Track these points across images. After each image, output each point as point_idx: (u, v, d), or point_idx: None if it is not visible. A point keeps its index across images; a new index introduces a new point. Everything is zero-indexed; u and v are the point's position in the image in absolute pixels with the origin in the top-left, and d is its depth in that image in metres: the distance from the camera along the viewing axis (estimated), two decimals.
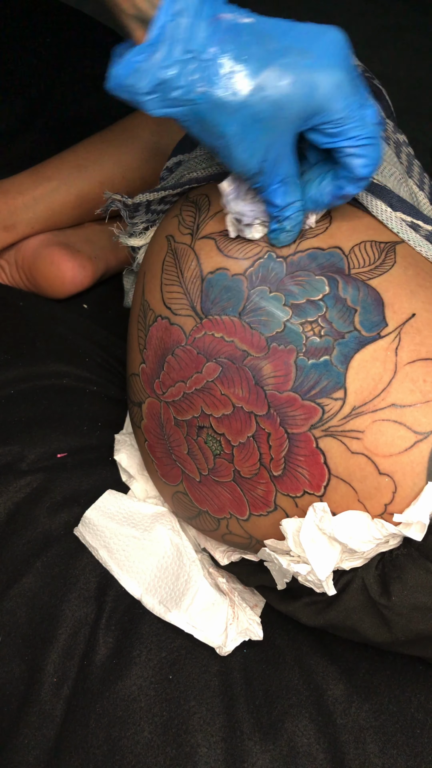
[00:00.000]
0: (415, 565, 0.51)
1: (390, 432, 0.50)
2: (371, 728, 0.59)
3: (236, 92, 0.45)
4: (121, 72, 0.44)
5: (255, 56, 0.45)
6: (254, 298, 0.54)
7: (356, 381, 0.51)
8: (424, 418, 0.50)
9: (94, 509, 0.67)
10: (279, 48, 0.45)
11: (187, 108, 0.46)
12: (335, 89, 0.46)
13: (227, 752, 0.58)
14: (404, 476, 0.50)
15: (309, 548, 0.52)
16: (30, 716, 0.60)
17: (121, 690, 0.60)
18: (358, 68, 0.47)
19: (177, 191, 0.65)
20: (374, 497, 0.51)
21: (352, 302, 0.52)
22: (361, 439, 0.51)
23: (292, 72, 0.45)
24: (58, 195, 0.85)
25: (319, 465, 0.52)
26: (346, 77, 0.46)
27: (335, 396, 0.51)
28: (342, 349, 0.52)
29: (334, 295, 0.53)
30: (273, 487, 0.54)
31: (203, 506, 0.60)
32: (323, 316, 0.52)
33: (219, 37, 0.44)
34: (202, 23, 0.44)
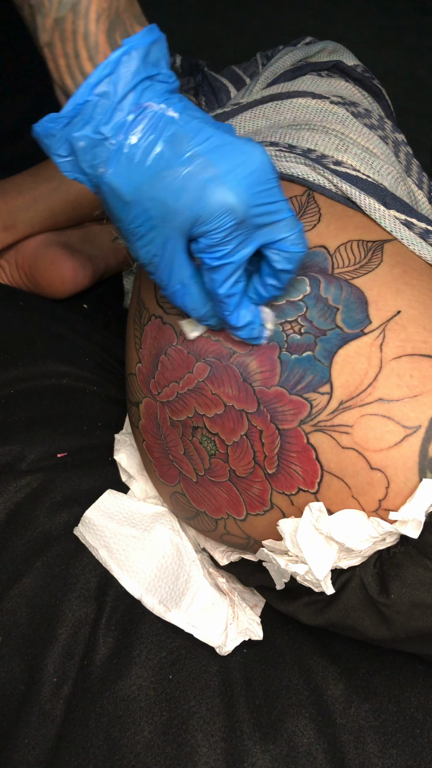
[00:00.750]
0: (413, 562, 0.51)
1: (379, 426, 0.51)
2: (371, 728, 0.59)
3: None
4: (39, 130, 0.45)
5: (160, 154, 0.43)
6: None
7: (342, 376, 0.52)
8: (412, 412, 0.50)
9: (94, 509, 0.67)
10: (187, 151, 0.43)
11: (92, 183, 0.46)
12: (221, 211, 0.44)
13: (227, 752, 0.58)
14: (396, 471, 0.50)
15: (306, 548, 0.52)
16: (30, 716, 0.60)
17: (121, 690, 0.60)
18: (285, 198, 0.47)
19: None
20: (368, 493, 0.51)
21: (333, 301, 0.53)
22: (350, 433, 0.51)
23: (185, 179, 0.43)
24: (58, 195, 0.85)
25: (311, 461, 0.52)
26: (240, 204, 0.44)
27: (322, 390, 0.52)
28: (324, 345, 0.52)
29: (315, 295, 0.53)
30: (268, 485, 0.55)
31: (201, 507, 0.60)
32: (303, 315, 0.53)
33: (135, 126, 0.43)
34: (124, 109, 0.43)
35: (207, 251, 0.46)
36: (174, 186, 0.43)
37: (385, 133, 0.68)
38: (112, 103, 0.43)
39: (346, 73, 0.74)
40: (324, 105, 0.67)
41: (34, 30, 0.44)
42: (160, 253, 0.47)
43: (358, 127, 0.66)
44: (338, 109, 0.67)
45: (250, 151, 0.45)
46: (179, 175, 0.43)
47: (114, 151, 0.43)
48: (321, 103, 0.67)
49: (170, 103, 0.44)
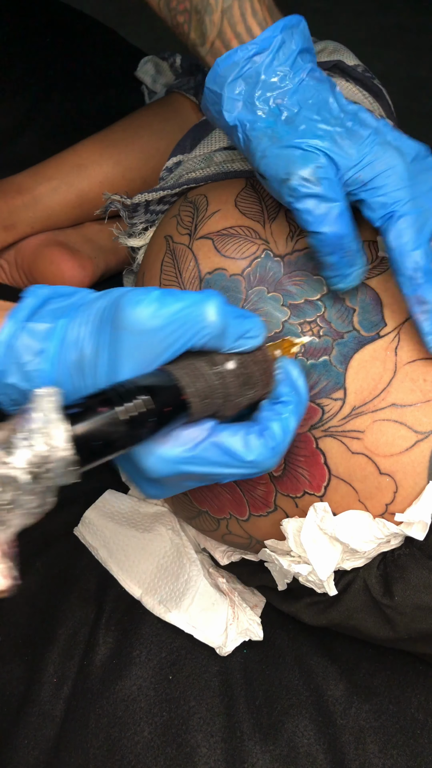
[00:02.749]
0: (418, 564, 0.51)
1: (390, 432, 0.50)
2: (371, 729, 0.59)
3: None
4: (220, 61, 0.49)
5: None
6: (253, 299, 0.54)
7: (356, 381, 0.51)
8: (424, 417, 0.50)
9: (94, 509, 0.67)
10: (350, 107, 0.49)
11: (252, 122, 0.48)
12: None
13: (227, 752, 0.58)
14: (405, 476, 0.50)
15: (310, 548, 0.52)
16: (30, 716, 0.59)
17: (121, 690, 0.60)
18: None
19: (176, 191, 0.64)
20: (375, 497, 0.51)
21: (350, 302, 0.52)
22: (361, 439, 0.51)
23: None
24: (58, 195, 0.85)
25: (320, 465, 0.52)
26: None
27: (335, 396, 0.51)
28: (341, 349, 0.51)
29: (332, 295, 0.53)
30: (273, 487, 0.54)
31: (203, 506, 0.60)
32: (322, 316, 0.52)
33: (313, 71, 0.50)
34: (305, 59, 0.50)
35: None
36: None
37: None
38: (294, 50, 0.48)
39: (347, 73, 0.74)
40: None
41: (201, 33, 0.50)
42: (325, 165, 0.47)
43: None
44: None
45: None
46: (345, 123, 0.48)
47: (293, 88, 0.48)
48: None
49: None
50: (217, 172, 0.62)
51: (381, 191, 0.47)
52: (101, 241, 0.89)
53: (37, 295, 0.41)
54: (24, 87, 0.98)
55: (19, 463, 0.33)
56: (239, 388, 0.40)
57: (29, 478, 0.33)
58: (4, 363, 0.39)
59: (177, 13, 0.51)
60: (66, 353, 0.39)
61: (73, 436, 0.33)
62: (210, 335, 0.39)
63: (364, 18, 1.71)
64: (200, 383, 0.38)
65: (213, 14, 0.49)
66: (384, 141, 0.48)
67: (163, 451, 0.38)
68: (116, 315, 0.38)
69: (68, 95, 0.99)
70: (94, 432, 0.34)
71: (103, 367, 0.38)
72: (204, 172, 0.64)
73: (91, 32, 1.06)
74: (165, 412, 0.36)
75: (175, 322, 0.38)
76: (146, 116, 0.90)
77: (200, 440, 0.39)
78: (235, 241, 0.55)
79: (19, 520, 0.34)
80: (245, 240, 0.55)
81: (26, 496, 0.33)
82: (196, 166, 0.65)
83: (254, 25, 0.49)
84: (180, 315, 0.38)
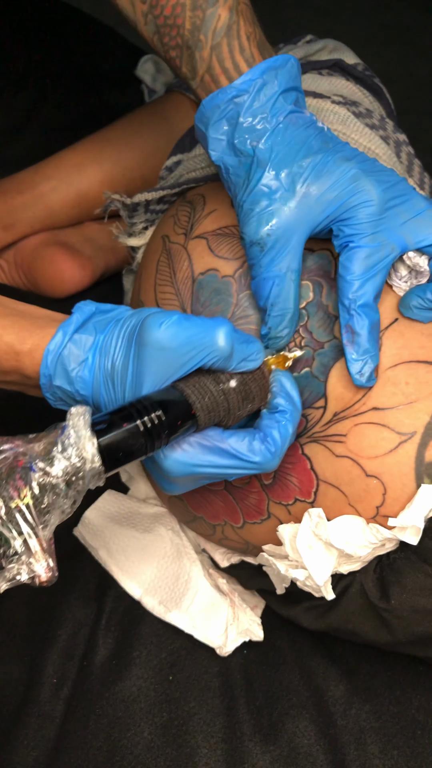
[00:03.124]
0: (413, 568, 0.51)
1: (372, 434, 0.50)
2: (372, 729, 0.59)
3: None
4: (206, 102, 0.50)
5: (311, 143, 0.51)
6: (243, 304, 0.54)
7: (337, 388, 0.51)
8: (407, 419, 0.50)
9: (94, 509, 0.67)
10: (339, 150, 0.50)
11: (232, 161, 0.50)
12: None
13: (227, 753, 0.58)
14: (392, 477, 0.50)
15: (306, 554, 0.52)
16: (30, 717, 0.59)
17: (121, 691, 0.60)
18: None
19: (175, 191, 0.64)
20: (364, 500, 0.51)
21: (333, 309, 0.52)
22: (344, 442, 0.51)
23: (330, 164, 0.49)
24: (57, 194, 0.85)
25: (306, 471, 0.52)
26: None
27: (317, 405, 0.52)
28: (321, 360, 0.52)
29: (317, 302, 0.53)
30: (265, 495, 0.54)
31: (198, 512, 0.60)
32: (304, 325, 0.52)
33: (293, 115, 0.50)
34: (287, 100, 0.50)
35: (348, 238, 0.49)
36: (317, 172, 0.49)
37: (386, 133, 0.68)
38: (275, 92, 0.49)
39: (347, 72, 0.74)
40: (325, 104, 0.66)
41: (192, 68, 0.52)
42: (275, 230, 0.49)
43: (360, 127, 0.66)
44: (339, 109, 0.66)
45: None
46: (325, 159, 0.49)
47: (270, 130, 0.49)
48: (322, 102, 0.67)
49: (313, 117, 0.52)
50: (216, 172, 0.62)
51: (346, 222, 0.49)
52: (101, 240, 0.89)
53: (83, 312, 0.48)
54: (24, 87, 0.98)
55: (57, 473, 0.39)
56: (240, 403, 0.46)
57: (65, 485, 0.40)
58: (54, 368, 0.46)
59: (169, 48, 0.52)
60: (102, 363, 0.46)
61: (100, 449, 0.40)
62: (218, 357, 0.45)
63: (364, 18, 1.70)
64: (207, 399, 0.44)
65: (203, 50, 0.51)
66: (363, 173, 0.49)
67: (179, 455, 0.45)
68: (141, 333, 0.44)
69: (67, 94, 0.99)
70: (118, 444, 0.41)
71: (130, 377, 0.45)
72: (204, 172, 0.63)
73: (90, 31, 1.06)
74: (177, 424, 0.43)
75: (190, 344, 0.44)
76: (146, 115, 0.89)
77: (210, 446, 0.45)
78: (229, 242, 0.55)
79: (56, 519, 0.40)
80: (239, 240, 0.55)
81: (62, 500, 0.40)
82: (196, 165, 0.65)
83: (241, 62, 0.50)
84: (195, 338, 0.44)
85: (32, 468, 0.39)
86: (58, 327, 0.47)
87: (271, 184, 0.49)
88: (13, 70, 0.98)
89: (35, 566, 0.38)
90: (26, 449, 0.39)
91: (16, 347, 0.47)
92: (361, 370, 0.49)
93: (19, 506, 0.37)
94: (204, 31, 0.50)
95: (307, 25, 1.06)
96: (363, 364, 0.49)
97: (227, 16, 0.50)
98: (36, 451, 0.39)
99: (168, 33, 0.52)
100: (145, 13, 0.53)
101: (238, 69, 0.50)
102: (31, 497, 0.38)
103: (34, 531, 0.38)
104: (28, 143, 0.95)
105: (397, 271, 0.52)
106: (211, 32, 0.50)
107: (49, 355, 0.46)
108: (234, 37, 0.50)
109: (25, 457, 0.39)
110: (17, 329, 0.47)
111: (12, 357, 0.47)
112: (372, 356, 0.49)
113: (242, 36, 0.51)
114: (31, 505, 0.38)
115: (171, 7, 0.51)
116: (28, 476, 0.38)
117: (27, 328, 0.47)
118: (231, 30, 0.50)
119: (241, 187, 0.50)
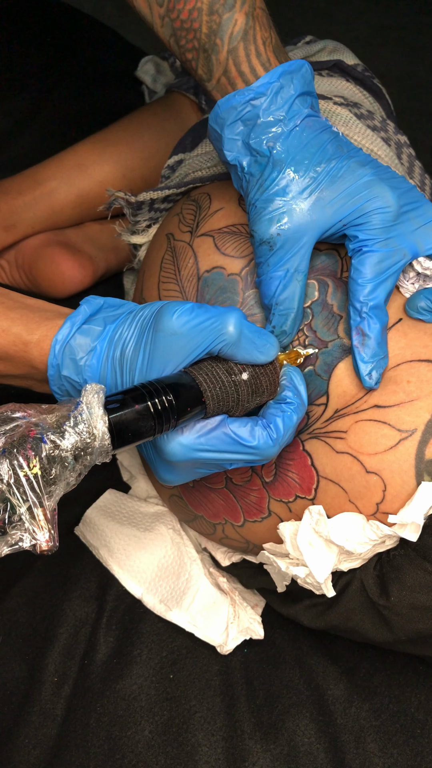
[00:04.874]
0: (413, 565, 0.51)
1: (373, 431, 0.51)
2: (371, 728, 0.59)
3: None
4: (222, 102, 0.50)
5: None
6: (249, 302, 0.54)
7: (339, 387, 0.52)
8: (407, 416, 0.50)
9: (95, 508, 0.67)
10: (351, 154, 0.51)
11: (244, 160, 0.51)
12: None
13: (228, 751, 0.58)
14: (392, 474, 0.50)
15: (306, 551, 0.52)
16: (31, 715, 0.60)
17: (121, 689, 0.60)
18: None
19: (181, 190, 0.65)
20: (365, 496, 0.51)
21: (338, 309, 0.53)
22: (344, 438, 0.51)
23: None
24: (58, 194, 0.85)
25: (307, 467, 0.52)
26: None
27: (318, 402, 0.52)
28: (325, 359, 0.52)
29: (321, 302, 0.53)
30: (266, 493, 0.55)
31: (199, 511, 0.60)
32: (309, 324, 0.53)
33: (310, 118, 0.51)
34: (303, 104, 0.51)
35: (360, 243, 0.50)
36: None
37: (387, 135, 0.68)
38: (292, 95, 0.50)
39: (347, 73, 0.74)
40: (327, 106, 0.67)
41: (208, 70, 0.53)
42: (286, 230, 0.50)
43: (362, 128, 0.66)
44: (341, 110, 0.67)
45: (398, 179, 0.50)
46: (340, 164, 0.50)
47: (287, 133, 0.50)
48: (324, 104, 0.67)
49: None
50: (222, 171, 0.62)
51: (360, 228, 0.50)
52: (102, 240, 0.89)
53: (92, 304, 0.48)
54: (24, 87, 0.98)
55: (67, 446, 0.40)
56: (249, 395, 0.47)
57: (73, 459, 0.40)
58: (62, 357, 0.46)
59: (186, 51, 0.53)
60: (112, 351, 0.46)
61: (110, 428, 0.41)
62: (226, 343, 0.45)
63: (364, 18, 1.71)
64: (218, 388, 0.45)
65: (219, 54, 0.51)
66: (379, 179, 0.50)
67: (182, 437, 0.45)
68: (157, 319, 0.45)
69: (68, 95, 0.99)
70: (128, 424, 0.42)
71: (140, 362, 0.45)
72: (210, 171, 0.64)
73: (91, 32, 1.06)
74: (186, 410, 0.44)
75: (201, 328, 0.45)
76: (146, 116, 0.90)
77: (213, 428, 0.46)
78: (235, 240, 0.56)
79: (61, 491, 0.40)
80: (246, 238, 0.55)
81: (68, 472, 0.40)
82: (202, 165, 0.66)
83: (258, 66, 0.51)
84: (206, 323, 0.45)
85: (43, 439, 0.39)
86: (66, 318, 0.47)
87: (286, 184, 0.49)
88: (14, 71, 0.98)
89: (38, 534, 0.39)
90: (39, 420, 0.40)
91: (24, 338, 0.47)
92: (370, 372, 0.50)
93: (27, 475, 0.38)
94: (220, 35, 0.51)
95: (307, 26, 1.06)
96: (372, 367, 0.50)
97: (244, 20, 0.51)
98: (48, 422, 0.40)
99: (184, 36, 0.53)
100: (162, 16, 0.53)
101: (255, 72, 0.51)
102: (39, 468, 0.38)
103: (40, 501, 0.38)
104: (29, 144, 0.96)
105: (406, 273, 0.52)
106: (228, 36, 0.51)
107: (57, 344, 0.46)
108: (250, 42, 0.51)
109: (37, 428, 0.39)
110: (25, 321, 0.47)
111: (20, 348, 0.47)
112: (381, 359, 0.50)
113: (258, 40, 0.51)
114: (39, 476, 0.38)
115: (188, 12, 0.52)
116: (39, 447, 0.39)
117: (35, 320, 0.48)
118: (247, 35, 0.51)
119: (254, 186, 0.50)
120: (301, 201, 0.49)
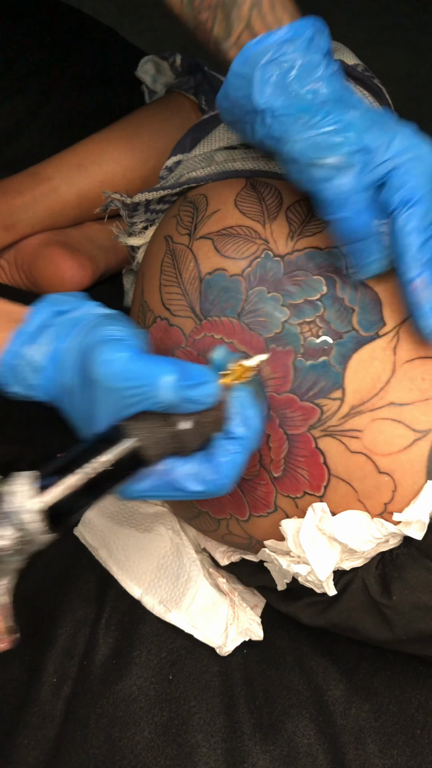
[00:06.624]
0: (416, 564, 0.51)
1: (389, 430, 0.50)
2: (371, 729, 0.59)
3: None
4: (254, 43, 0.48)
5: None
6: (253, 299, 0.54)
7: (355, 380, 0.51)
8: (423, 416, 0.50)
9: (94, 509, 0.67)
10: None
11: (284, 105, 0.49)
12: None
13: (227, 752, 0.58)
14: (404, 475, 0.50)
15: (309, 549, 0.52)
16: (30, 716, 0.59)
17: (121, 690, 0.60)
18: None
19: (176, 191, 0.64)
20: (374, 496, 0.51)
21: (349, 302, 0.52)
22: (360, 438, 0.51)
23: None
24: (58, 195, 0.85)
25: (319, 465, 0.52)
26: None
27: (333, 396, 0.51)
28: (340, 350, 0.51)
29: (331, 295, 0.52)
30: (273, 488, 0.54)
31: (203, 507, 0.60)
32: (321, 316, 0.52)
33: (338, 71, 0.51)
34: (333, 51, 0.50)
35: None
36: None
37: None
38: (325, 46, 0.49)
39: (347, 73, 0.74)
40: None
41: (227, 26, 0.50)
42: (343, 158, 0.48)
43: None
44: None
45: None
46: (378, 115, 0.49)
47: (328, 76, 0.48)
48: None
49: None
50: (217, 172, 0.62)
51: (404, 179, 0.48)
52: (101, 240, 0.89)
53: (41, 314, 0.46)
54: (24, 87, 0.98)
55: (4, 546, 0.40)
56: (193, 441, 0.44)
57: (14, 552, 0.41)
58: (8, 377, 0.45)
59: (202, 10, 0.52)
60: (60, 378, 0.45)
61: (46, 512, 0.40)
62: (163, 406, 0.43)
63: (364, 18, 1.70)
64: (156, 440, 0.43)
65: (241, 8, 0.50)
66: (416, 134, 0.49)
67: (130, 486, 0.44)
68: (87, 366, 0.43)
69: (68, 95, 0.99)
70: (64, 503, 0.41)
71: (83, 404, 0.44)
72: (205, 172, 0.64)
73: (91, 32, 1.06)
74: (127, 473, 0.43)
75: (135, 389, 0.42)
76: (146, 116, 0.90)
77: (158, 476, 0.44)
78: (234, 241, 0.55)
79: (9, 582, 0.42)
80: (245, 240, 0.55)
81: (12, 564, 0.41)
82: (197, 165, 0.65)
83: (285, 17, 0.49)
84: (139, 384, 0.42)
85: None
86: (14, 332, 0.45)
87: (337, 120, 0.48)
88: (14, 71, 0.98)
89: None
90: None
91: None
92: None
93: None
94: None
95: None
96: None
97: None
98: None
99: None
100: None
101: (281, 24, 0.49)
102: None
103: None
104: (28, 144, 0.96)
105: None
106: None
107: (2, 366, 0.45)
108: None
109: None
110: None
111: None
112: None
113: None
114: None
115: None
116: None
117: None
118: None
119: (293, 125, 0.48)
120: (358, 130, 0.48)
